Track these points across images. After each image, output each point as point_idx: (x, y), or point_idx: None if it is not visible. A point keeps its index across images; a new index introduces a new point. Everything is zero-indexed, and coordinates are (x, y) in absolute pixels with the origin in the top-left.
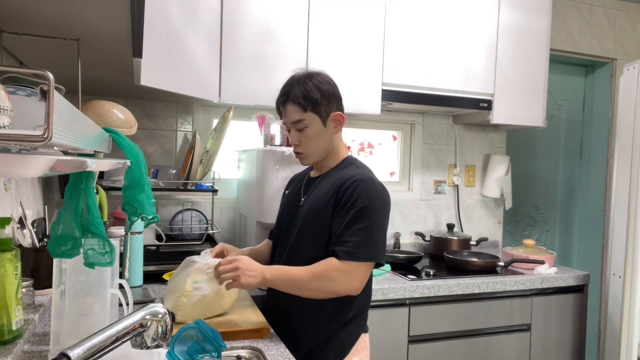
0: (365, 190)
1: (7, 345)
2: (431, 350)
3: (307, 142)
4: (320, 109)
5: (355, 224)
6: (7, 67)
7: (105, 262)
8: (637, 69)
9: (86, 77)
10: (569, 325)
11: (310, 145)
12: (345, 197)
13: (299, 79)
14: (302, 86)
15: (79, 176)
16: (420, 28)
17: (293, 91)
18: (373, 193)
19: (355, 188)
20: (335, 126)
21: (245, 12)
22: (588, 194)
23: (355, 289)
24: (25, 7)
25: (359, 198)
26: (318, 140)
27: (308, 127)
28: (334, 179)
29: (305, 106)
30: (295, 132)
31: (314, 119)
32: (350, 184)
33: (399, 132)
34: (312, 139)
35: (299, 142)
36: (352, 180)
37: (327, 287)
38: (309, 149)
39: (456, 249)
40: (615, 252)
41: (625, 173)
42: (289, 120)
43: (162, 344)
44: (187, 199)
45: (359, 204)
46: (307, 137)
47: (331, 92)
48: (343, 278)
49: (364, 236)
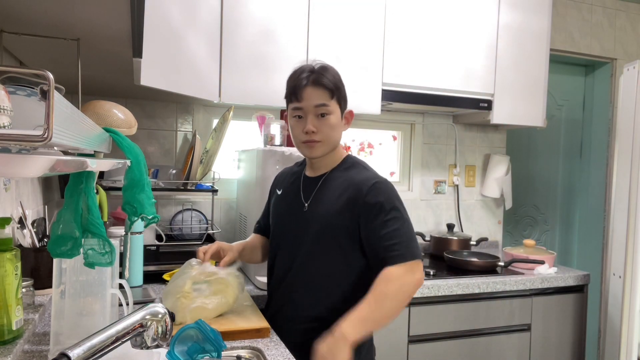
0: (387, 193)
1: (7, 345)
2: (431, 350)
3: (326, 129)
4: (341, 101)
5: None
6: (7, 67)
7: (105, 262)
8: (637, 69)
9: (86, 77)
10: (569, 325)
11: (328, 134)
12: (369, 204)
13: (322, 65)
14: (329, 72)
15: (79, 176)
16: (420, 28)
17: (320, 74)
18: (394, 194)
19: (378, 193)
20: (345, 123)
21: (245, 12)
22: (588, 194)
23: (419, 279)
24: (25, 7)
25: (385, 202)
26: (336, 131)
27: (331, 115)
28: (343, 182)
29: (334, 92)
30: (315, 118)
31: (337, 108)
32: (369, 189)
33: (399, 132)
34: (332, 128)
35: (317, 128)
36: (370, 183)
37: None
38: (326, 137)
39: (456, 249)
40: (615, 252)
41: (625, 173)
42: (311, 103)
43: (162, 344)
44: (187, 199)
45: (387, 207)
46: (327, 124)
47: (345, 90)
48: (406, 278)
49: (404, 236)
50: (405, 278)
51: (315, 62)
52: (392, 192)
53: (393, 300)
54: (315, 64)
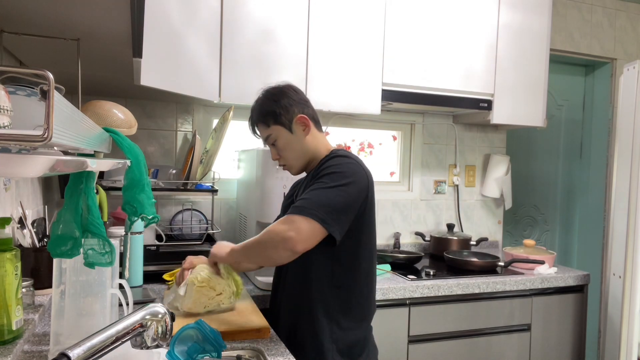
0: (337, 162)
1: (7, 345)
2: (431, 350)
3: (283, 153)
4: (281, 119)
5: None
6: (7, 67)
7: (105, 262)
8: (637, 69)
9: (86, 77)
10: (569, 325)
11: (287, 155)
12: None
13: (256, 100)
14: (258, 105)
15: (79, 176)
16: (420, 28)
17: (254, 113)
18: (346, 165)
19: (327, 160)
20: (303, 129)
21: (245, 12)
22: (588, 194)
23: (291, 238)
24: (25, 7)
25: (329, 167)
26: (291, 148)
27: (277, 139)
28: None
29: (266, 121)
30: (272, 148)
31: (279, 129)
32: (324, 160)
33: (399, 132)
34: (285, 149)
35: (278, 155)
36: (326, 159)
37: (275, 242)
38: (287, 159)
39: (456, 249)
40: (615, 252)
41: (625, 173)
42: (262, 139)
43: (162, 344)
44: (187, 199)
45: (325, 172)
46: (280, 148)
47: (286, 100)
48: (279, 227)
49: (315, 195)
50: (277, 227)
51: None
52: (346, 165)
53: (257, 243)
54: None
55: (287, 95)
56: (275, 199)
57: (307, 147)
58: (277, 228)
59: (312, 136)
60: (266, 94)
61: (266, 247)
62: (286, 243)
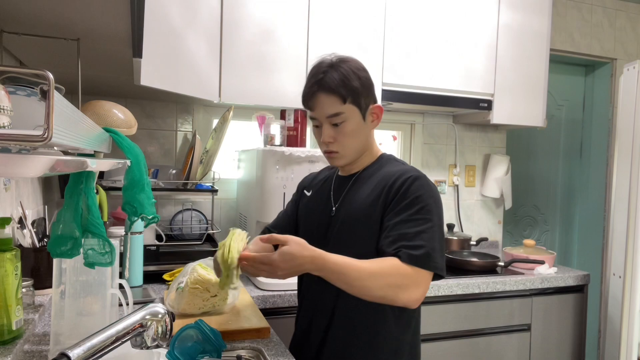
0: (423, 189)
1: (7, 345)
2: (431, 350)
3: (344, 139)
4: (360, 100)
5: (416, 226)
6: (7, 67)
7: (105, 262)
8: (637, 69)
9: (86, 77)
10: (569, 325)
11: (347, 143)
12: (399, 194)
13: (331, 63)
14: (339, 72)
15: (79, 176)
16: (420, 28)
17: (328, 77)
18: (430, 193)
19: (411, 185)
20: (373, 120)
21: (245, 13)
22: (588, 194)
23: (417, 300)
24: (25, 7)
25: (417, 197)
26: (356, 137)
27: (346, 122)
28: (378, 177)
29: (345, 96)
30: (330, 128)
31: (354, 111)
32: (404, 181)
33: (399, 132)
34: (350, 136)
35: (333, 139)
36: (406, 177)
37: (388, 291)
38: (345, 148)
39: (456, 249)
40: (615, 252)
41: (625, 173)
42: (322, 113)
43: (162, 344)
44: (187, 199)
45: (417, 203)
46: (344, 133)
47: (370, 81)
48: (409, 285)
49: (427, 240)
50: (407, 284)
51: (333, 56)
52: (430, 192)
53: (377, 286)
54: (333, 58)
55: (370, 79)
56: (275, 199)
57: (368, 141)
58: (407, 271)
59: (373, 132)
60: (353, 65)
61: (394, 284)
62: (409, 304)
